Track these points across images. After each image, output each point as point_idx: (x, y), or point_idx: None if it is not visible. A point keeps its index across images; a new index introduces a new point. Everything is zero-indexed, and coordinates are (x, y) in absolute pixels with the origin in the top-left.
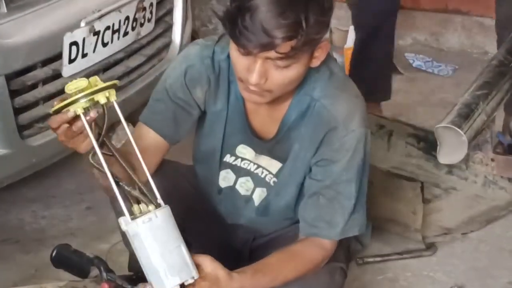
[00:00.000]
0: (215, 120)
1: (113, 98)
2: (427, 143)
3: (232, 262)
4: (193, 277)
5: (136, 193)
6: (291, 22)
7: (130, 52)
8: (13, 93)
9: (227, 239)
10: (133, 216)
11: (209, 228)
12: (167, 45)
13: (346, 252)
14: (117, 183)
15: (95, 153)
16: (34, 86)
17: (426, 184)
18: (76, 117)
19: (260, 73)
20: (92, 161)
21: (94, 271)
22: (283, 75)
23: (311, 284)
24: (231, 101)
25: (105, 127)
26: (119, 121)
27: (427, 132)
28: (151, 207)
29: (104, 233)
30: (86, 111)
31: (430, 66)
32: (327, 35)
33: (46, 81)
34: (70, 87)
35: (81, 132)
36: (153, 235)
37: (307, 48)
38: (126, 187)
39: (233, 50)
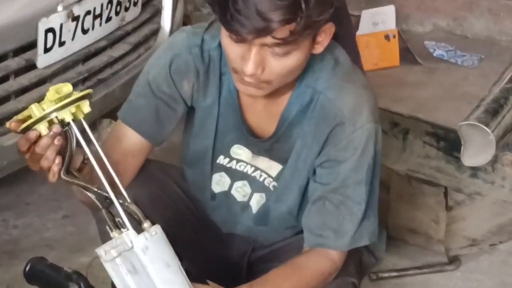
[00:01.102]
0: (206, 117)
1: (86, 110)
2: (448, 142)
3: (228, 277)
4: None
5: (131, 209)
6: (289, 3)
7: (113, 40)
8: None
9: (222, 250)
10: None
11: (201, 238)
12: (155, 32)
13: (358, 265)
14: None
15: (67, 170)
16: (5, 79)
17: (448, 189)
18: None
19: (256, 62)
20: (65, 178)
21: None
22: (282, 63)
23: None
24: (223, 95)
25: (72, 147)
26: (101, 118)
27: (448, 131)
28: (146, 224)
29: (84, 245)
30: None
31: (453, 55)
32: None
33: (18, 72)
34: (50, 98)
35: (45, 158)
36: (162, 249)
37: (308, 32)
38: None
39: (225, 37)
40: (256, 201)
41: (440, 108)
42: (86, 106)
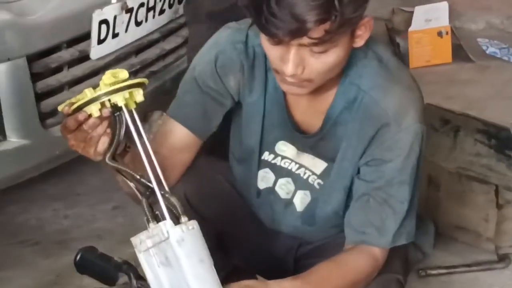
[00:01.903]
0: (252, 113)
1: (139, 99)
2: (500, 140)
3: (276, 272)
4: None
5: (171, 202)
6: (322, 3)
7: (166, 33)
8: (35, 77)
9: (270, 246)
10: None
11: (249, 234)
12: None
13: (404, 261)
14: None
15: (114, 156)
16: (58, 69)
17: (499, 188)
18: (88, 117)
19: (295, 63)
20: (110, 163)
21: (123, 278)
22: (321, 61)
23: None
24: (269, 91)
25: (122, 132)
26: (152, 110)
27: (499, 129)
28: (183, 218)
29: (133, 236)
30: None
31: (506, 53)
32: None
33: (72, 63)
34: (106, 81)
35: (91, 137)
36: (197, 244)
37: (343, 29)
38: (162, 198)
39: (264, 40)
40: (300, 199)
41: (492, 106)
42: (139, 95)
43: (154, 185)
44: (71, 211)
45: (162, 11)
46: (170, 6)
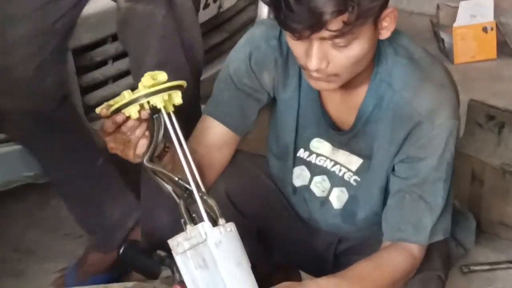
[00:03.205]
0: (286, 110)
1: (177, 101)
2: None
3: (316, 267)
4: None
5: (208, 204)
6: None
7: (210, 27)
8: (80, 70)
9: (310, 242)
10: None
11: (289, 230)
12: (252, 20)
13: (445, 258)
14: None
15: (152, 158)
16: (103, 63)
17: None
18: (126, 119)
19: (318, 57)
20: (149, 165)
21: (166, 272)
22: (345, 55)
23: None
24: (303, 87)
25: (159, 134)
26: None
27: None
28: (221, 220)
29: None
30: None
31: None
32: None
33: (116, 57)
34: (145, 83)
35: (129, 139)
36: (235, 246)
37: (363, 20)
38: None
39: (288, 36)
40: (336, 197)
41: None
42: (178, 97)
43: (193, 187)
44: None
45: (206, 6)
46: (215, 0)
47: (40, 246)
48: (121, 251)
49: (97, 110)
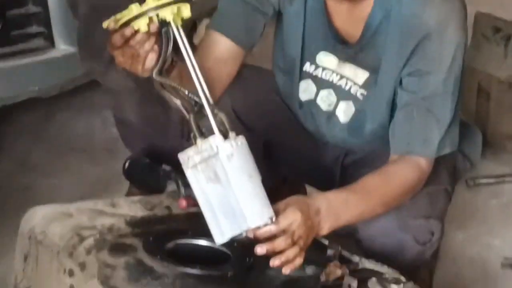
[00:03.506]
0: (292, 23)
1: (186, 14)
2: None
3: (323, 181)
4: (272, 216)
5: (218, 117)
6: None
7: None
8: None
9: (317, 156)
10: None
11: (297, 144)
12: None
13: (451, 171)
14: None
15: (161, 71)
16: None
17: None
18: (135, 33)
19: None
20: (158, 78)
21: (171, 186)
22: None
23: (408, 209)
24: (309, 0)
25: (169, 48)
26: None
27: None
28: (231, 134)
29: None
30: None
31: None
32: None
33: None
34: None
35: (138, 53)
36: (246, 159)
37: None
38: (208, 113)
39: None
40: (343, 111)
41: None
42: (186, 10)
43: (203, 100)
44: None
45: None
46: None
47: (45, 161)
48: (126, 166)
49: (104, 24)
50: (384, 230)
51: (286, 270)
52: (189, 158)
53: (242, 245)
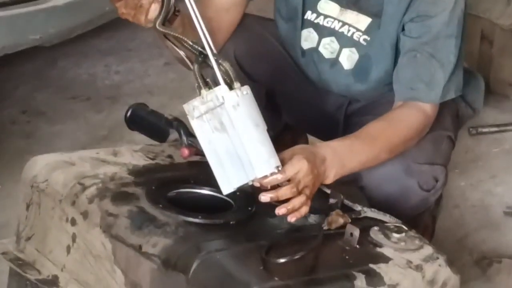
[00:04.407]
0: None
1: None
2: None
3: (326, 130)
4: (278, 165)
5: (223, 67)
6: None
7: None
8: None
9: (320, 104)
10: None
11: (299, 92)
12: None
13: (454, 118)
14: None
15: (164, 22)
16: None
17: None
18: None
19: None
20: (161, 29)
21: (173, 135)
22: None
23: (413, 154)
24: None
25: None
26: None
27: None
28: (236, 84)
29: (185, 92)
30: None
31: None
32: None
33: None
34: None
35: (141, 4)
36: (252, 108)
37: None
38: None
39: None
40: (346, 57)
41: None
42: None
43: (208, 49)
44: (123, 67)
45: None
46: None
47: (48, 108)
48: (128, 113)
49: None
50: (389, 175)
51: (291, 219)
52: (194, 108)
53: (244, 194)
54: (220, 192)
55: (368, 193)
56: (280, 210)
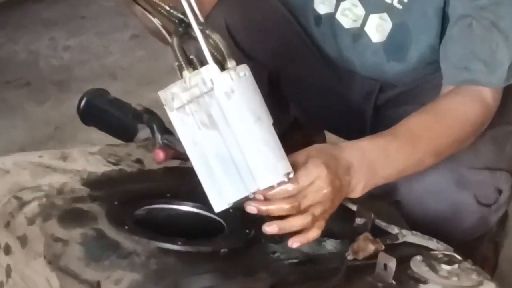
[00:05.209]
0: None
1: None
2: None
3: (349, 126)
4: (289, 172)
5: (212, 40)
6: None
7: None
8: None
9: (341, 91)
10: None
11: (313, 76)
12: None
13: None
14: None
15: None
16: None
17: None
18: None
19: None
20: None
21: (144, 132)
22: None
23: (468, 158)
24: None
25: None
26: None
27: None
28: (230, 63)
29: (157, 75)
30: None
31: None
32: None
33: None
34: None
35: None
36: (252, 96)
37: None
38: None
39: None
40: (375, 26)
41: None
42: None
43: (190, 17)
44: (74, 41)
45: None
46: None
47: None
48: (82, 103)
49: None
50: (435, 187)
51: (293, 244)
52: (173, 97)
53: (240, 212)
54: (207, 209)
55: (407, 211)
56: (269, 228)
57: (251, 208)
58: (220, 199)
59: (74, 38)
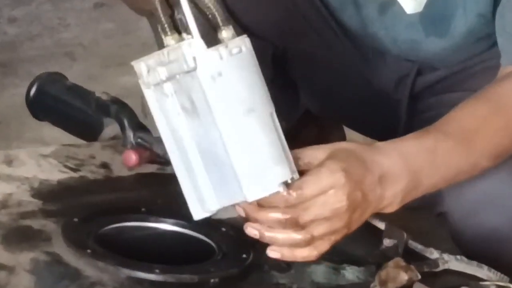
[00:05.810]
0: None
1: None
2: None
3: (378, 121)
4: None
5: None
6: None
7: None
8: None
9: (366, 75)
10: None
11: (328, 54)
12: None
13: None
14: None
15: None
16: None
17: None
18: None
19: None
20: None
21: (111, 128)
22: None
23: None
24: None
25: None
26: None
27: None
28: (226, 32)
29: (127, 56)
30: None
31: None
32: None
33: None
34: None
35: None
36: (246, 80)
37: None
38: None
39: None
40: None
41: None
42: None
43: None
44: (21, 11)
45: None
46: None
47: None
48: (32, 91)
49: None
50: (491, 195)
51: (270, 252)
52: (149, 70)
53: (235, 231)
54: (193, 228)
55: (454, 226)
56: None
57: (238, 210)
58: (201, 205)
59: (21, 7)
